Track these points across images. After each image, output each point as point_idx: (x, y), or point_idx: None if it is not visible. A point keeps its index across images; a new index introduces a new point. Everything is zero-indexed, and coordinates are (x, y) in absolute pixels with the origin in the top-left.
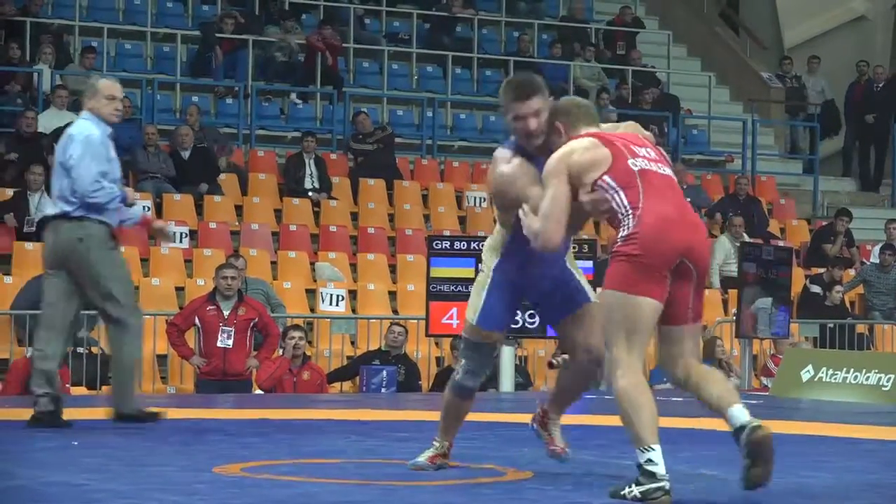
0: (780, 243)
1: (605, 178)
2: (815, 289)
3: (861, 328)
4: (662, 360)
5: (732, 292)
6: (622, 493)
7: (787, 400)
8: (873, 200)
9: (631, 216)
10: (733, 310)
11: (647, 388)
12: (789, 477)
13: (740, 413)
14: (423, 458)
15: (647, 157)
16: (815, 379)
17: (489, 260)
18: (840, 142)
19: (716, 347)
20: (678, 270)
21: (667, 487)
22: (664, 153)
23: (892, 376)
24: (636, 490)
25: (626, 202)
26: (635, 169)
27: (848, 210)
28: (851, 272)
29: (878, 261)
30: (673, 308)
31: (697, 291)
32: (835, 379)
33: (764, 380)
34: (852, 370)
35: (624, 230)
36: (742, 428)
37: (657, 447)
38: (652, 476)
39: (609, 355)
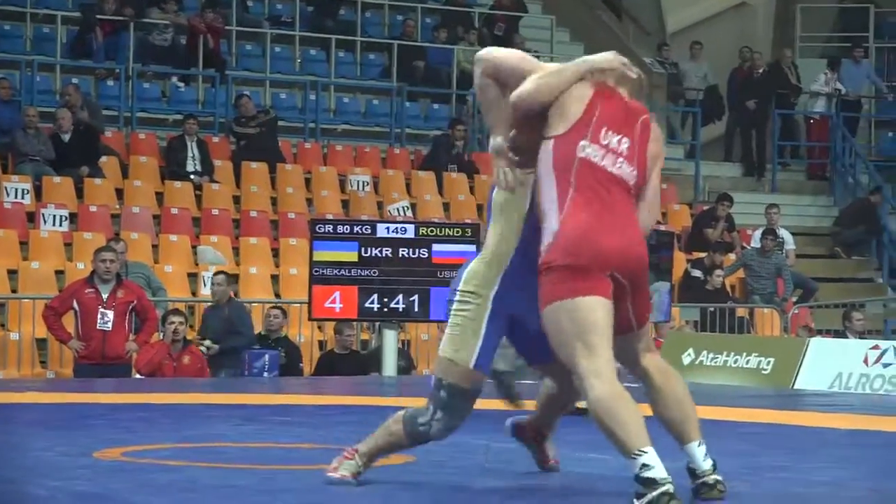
0: (662, 228)
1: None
2: (696, 273)
3: (741, 312)
4: (619, 361)
5: None
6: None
7: None
8: (754, 185)
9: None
10: None
11: (621, 391)
12: (671, 460)
13: (699, 457)
14: (346, 472)
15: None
16: (696, 362)
17: (483, 289)
18: (722, 127)
19: None
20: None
21: (671, 490)
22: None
23: (772, 359)
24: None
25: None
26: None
27: (729, 195)
28: (732, 256)
29: (758, 245)
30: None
31: (635, 298)
32: (715, 362)
33: None
34: (732, 354)
35: (547, 236)
36: (698, 475)
37: (649, 449)
38: (652, 483)
39: (574, 372)
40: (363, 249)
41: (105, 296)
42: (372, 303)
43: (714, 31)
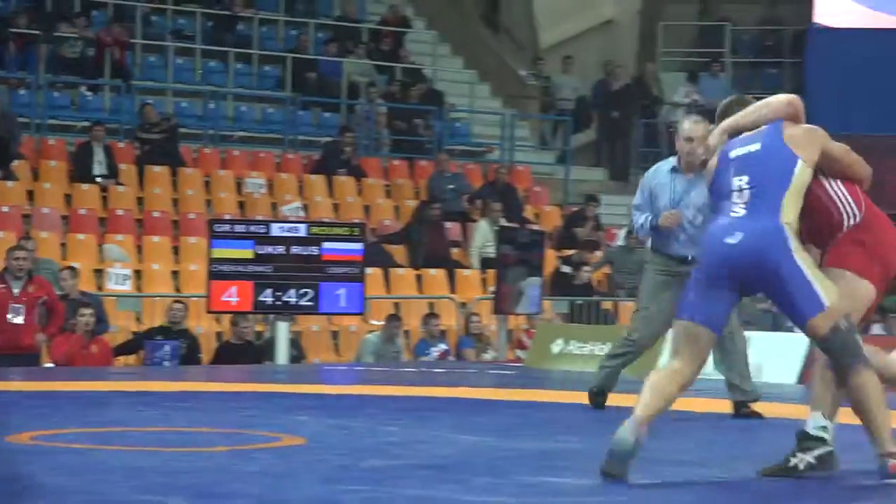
0: (535, 227)
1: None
2: (566, 269)
3: (607, 305)
4: None
5: (490, 272)
6: (790, 465)
7: (540, 371)
8: (620, 188)
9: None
10: (491, 288)
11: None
12: (545, 442)
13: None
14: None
15: None
16: (565, 351)
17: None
18: (591, 135)
19: (471, 323)
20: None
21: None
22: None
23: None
24: (809, 457)
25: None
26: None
27: (596, 197)
28: (599, 254)
29: (623, 243)
30: None
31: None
32: (582, 351)
33: (518, 352)
34: (598, 343)
35: (849, 220)
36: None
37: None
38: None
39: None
40: (258, 247)
41: (16, 291)
42: (266, 297)
43: (584, 46)
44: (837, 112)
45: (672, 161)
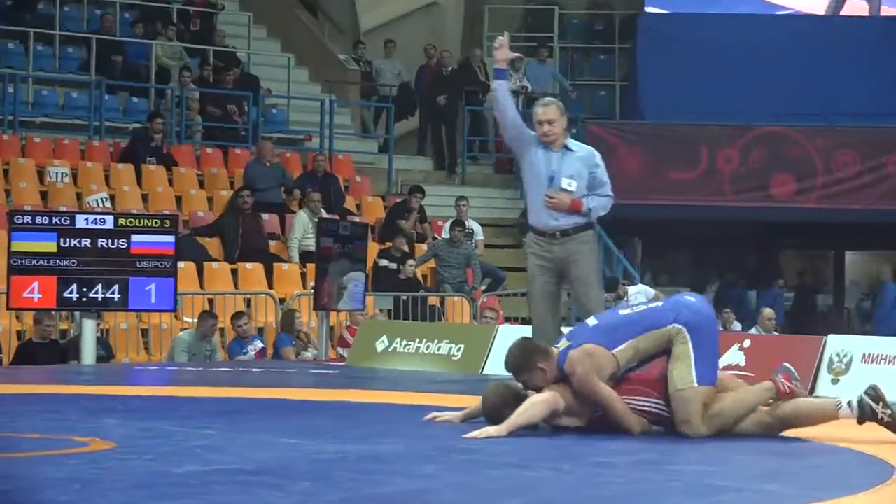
0: (357, 219)
1: None
2: (383, 262)
3: (433, 300)
4: None
5: (311, 266)
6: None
7: (363, 370)
8: (445, 178)
9: None
10: (311, 283)
11: None
12: (369, 444)
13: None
14: None
15: None
16: (390, 349)
17: None
18: (415, 122)
19: (294, 320)
20: None
21: None
22: None
23: (462, 346)
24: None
25: None
26: None
27: (421, 187)
28: (424, 247)
29: (448, 236)
30: None
31: None
32: (408, 349)
33: (341, 350)
34: (424, 340)
35: None
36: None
37: None
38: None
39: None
40: (62, 240)
41: None
42: (71, 292)
43: (407, 29)
44: (668, 99)
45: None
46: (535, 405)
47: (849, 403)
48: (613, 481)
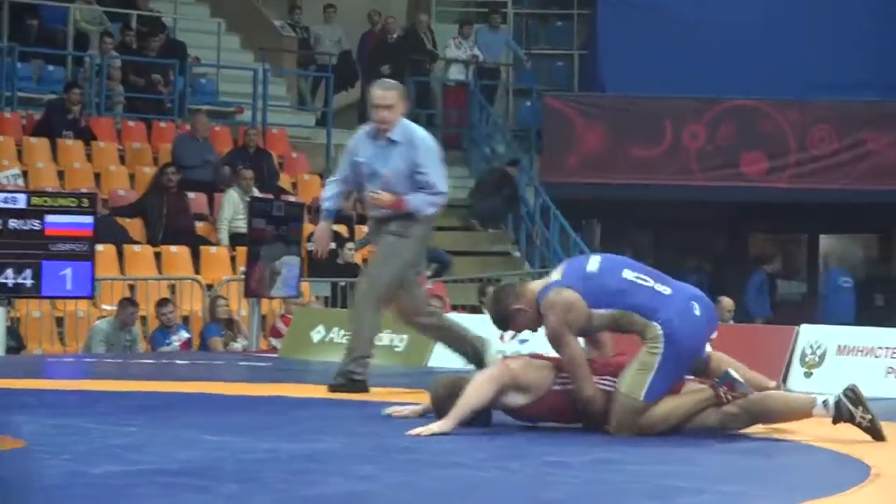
0: (292, 198)
1: None
2: (312, 246)
3: None
4: None
5: (241, 249)
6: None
7: (298, 361)
8: None
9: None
10: (242, 268)
11: None
12: (302, 442)
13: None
14: None
15: None
16: (327, 339)
17: None
18: (356, 94)
19: (218, 307)
20: None
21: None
22: None
23: (405, 337)
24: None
25: None
26: None
27: None
28: (364, 229)
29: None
30: None
31: None
32: (346, 339)
33: (273, 340)
34: None
35: None
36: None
37: None
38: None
39: None
40: None
41: None
42: None
43: None
44: (630, 70)
45: (368, 127)
46: (479, 385)
47: (824, 403)
48: (566, 482)
